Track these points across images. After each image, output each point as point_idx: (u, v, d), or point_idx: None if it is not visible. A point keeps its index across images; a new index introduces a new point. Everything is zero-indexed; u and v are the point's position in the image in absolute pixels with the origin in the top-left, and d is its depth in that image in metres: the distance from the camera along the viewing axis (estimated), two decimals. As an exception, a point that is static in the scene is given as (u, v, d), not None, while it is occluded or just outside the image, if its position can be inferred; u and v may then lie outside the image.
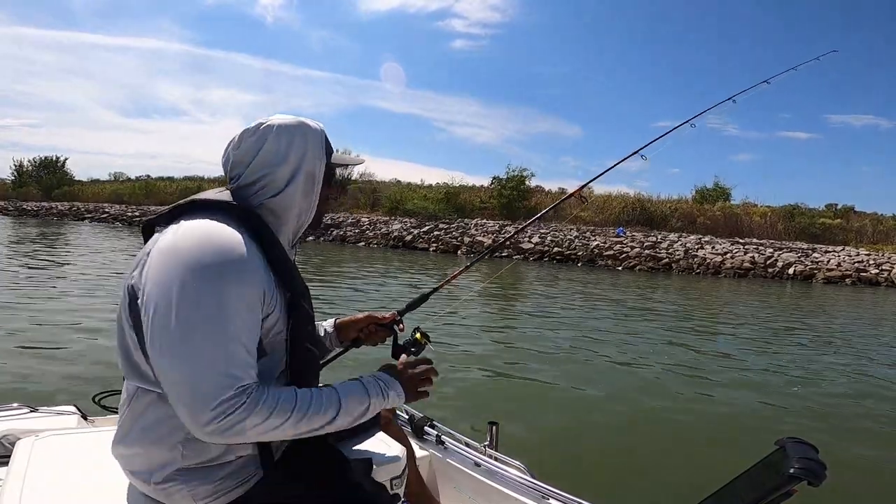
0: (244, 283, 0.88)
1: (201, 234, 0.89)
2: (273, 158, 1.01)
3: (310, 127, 1.06)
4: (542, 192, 29.10)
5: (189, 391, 0.83)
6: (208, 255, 0.86)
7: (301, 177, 1.03)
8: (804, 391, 4.97)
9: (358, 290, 9.64)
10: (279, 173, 1.01)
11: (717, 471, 1.32)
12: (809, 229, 23.17)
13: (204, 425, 0.83)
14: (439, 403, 3.86)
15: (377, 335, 1.41)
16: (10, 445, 1.46)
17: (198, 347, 0.83)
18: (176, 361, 0.84)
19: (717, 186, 28.02)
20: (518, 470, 1.54)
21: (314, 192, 1.06)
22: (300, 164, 1.03)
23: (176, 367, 0.84)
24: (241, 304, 0.87)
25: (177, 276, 0.85)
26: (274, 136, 1.01)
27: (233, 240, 0.90)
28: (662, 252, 18.66)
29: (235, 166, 1.03)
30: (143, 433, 0.95)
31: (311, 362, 1.06)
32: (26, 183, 39.42)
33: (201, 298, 0.84)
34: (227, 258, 0.87)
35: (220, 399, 0.83)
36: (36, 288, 7.71)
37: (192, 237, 0.89)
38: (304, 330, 1.02)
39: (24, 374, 4.00)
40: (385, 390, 1.02)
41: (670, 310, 9.73)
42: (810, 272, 17.26)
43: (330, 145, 1.11)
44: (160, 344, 0.85)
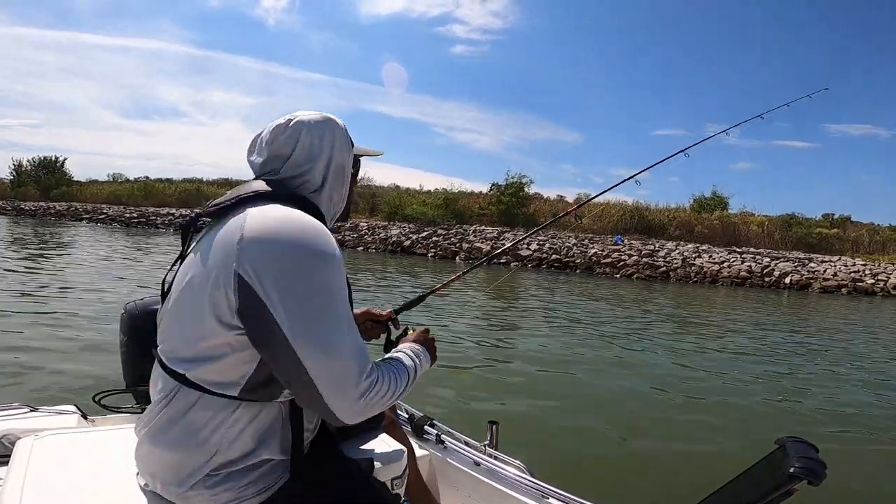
0: (343, 268, 0.94)
1: (299, 219, 0.92)
2: (310, 153, 1.05)
3: (336, 122, 1.11)
4: (540, 199, 29.17)
5: (339, 371, 0.86)
6: (320, 241, 0.90)
7: (333, 169, 1.08)
8: (804, 392, 4.99)
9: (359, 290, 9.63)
10: (317, 168, 1.06)
11: (716, 470, 1.33)
12: (806, 239, 23.25)
13: (357, 400, 0.88)
14: (439, 403, 3.87)
15: (372, 331, 1.44)
16: (10, 445, 1.46)
17: (339, 329, 0.88)
18: (324, 345, 0.86)
19: (715, 195, 28.14)
20: (518, 469, 1.54)
21: (345, 184, 1.11)
22: (332, 157, 1.07)
23: (325, 350, 0.86)
24: (345, 287, 0.94)
25: (302, 263, 0.87)
26: (307, 131, 1.05)
27: (323, 227, 0.94)
28: (660, 260, 18.69)
29: (270, 161, 1.05)
30: (183, 434, 0.93)
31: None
32: (25, 183, 39.31)
33: (328, 283, 0.88)
34: (333, 244, 0.92)
35: (365, 373, 0.89)
36: (35, 287, 7.68)
37: (294, 222, 0.91)
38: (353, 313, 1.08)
39: (24, 374, 3.99)
40: (422, 355, 1.11)
41: (668, 317, 9.74)
42: (807, 282, 17.30)
43: (350, 138, 1.14)
44: (307, 331, 0.86)
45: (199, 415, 0.92)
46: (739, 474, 0.95)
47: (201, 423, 0.92)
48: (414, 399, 2.00)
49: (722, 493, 0.95)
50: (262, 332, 0.87)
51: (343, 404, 0.88)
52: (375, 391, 0.90)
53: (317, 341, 0.86)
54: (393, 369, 0.99)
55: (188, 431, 0.92)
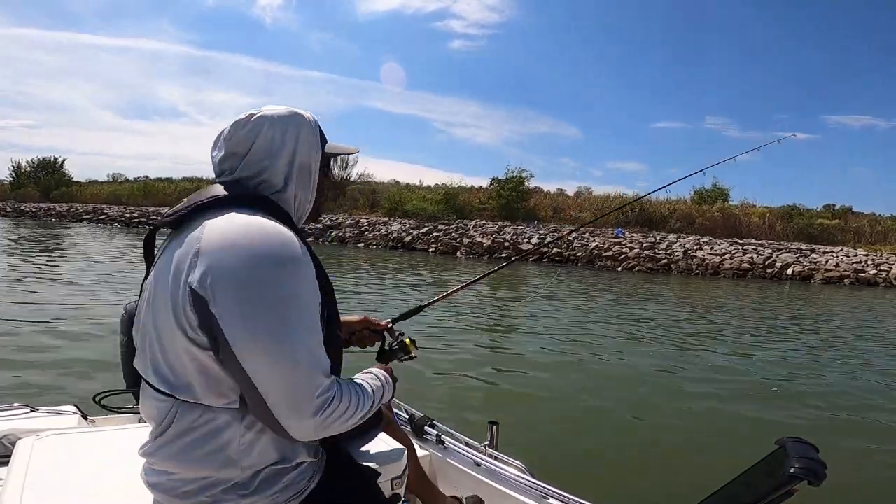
0: (310, 274, 0.89)
1: (258, 227, 0.87)
2: (269, 150, 0.98)
3: (303, 117, 1.04)
4: (540, 193, 29.13)
5: (292, 386, 0.82)
6: (277, 248, 0.85)
7: (297, 167, 1.01)
8: (804, 391, 4.98)
9: (358, 291, 9.63)
10: (277, 166, 0.99)
11: (717, 470, 1.32)
12: (808, 230, 23.20)
13: (311, 418, 0.84)
14: (439, 403, 3.87)
15: (368, 339, 1.43)
16: (10, 445, 1.47)
17: (295, 342, 0.83)
18: (276, 359, 0.82)
19: (716, 187, 28.07)
20: (518, 469, 1.54)
21: (311, 183, 1.04)
22: (295, 154, 1.01)
23: (276, 365, 0.82)
24: (312, 295, 0.88)
25: (256, 274, 0.82)
26: (268, 126, 0.98)
27: (286, 231, 0.89)
28: (661, 253, 18.67)
29: (227, 158, 0.99)
30: (186, 451, 0.89)
31: (339, 350, 1.06)
32: (24, 184, 39.35)
33: (286, 292, 0.83)
34: (295, 250, 0.87)
35: (321, 390, 0.84)
36: (35, 288, 7.70)
37: (251, 231, 0.86)
38: (335, 315, 1.03)
39: (24, 374, 4.00)
40: (385, 385, 1.08)
41: (670, 310, 9.74)
42: (809, 273, 17.28)
43: (324, 135, 1.09)
44: (256, 347, 0.81)
45: (208, 427, 0.88)
46: (739, 474, 0.94)
47: (213, 440, 0.88)
48: (414, 399, 2.00)
49: (722, 494, 0.95)
50: (218, 348, 0.84)
51: (296, 423, 0.84)
52: (332, 410, 0.86)
53: (266, 357, 0.82)
54: (358, 389, 0.95)
55: (195, 446, 0.88)
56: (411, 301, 8.64)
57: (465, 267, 16.11)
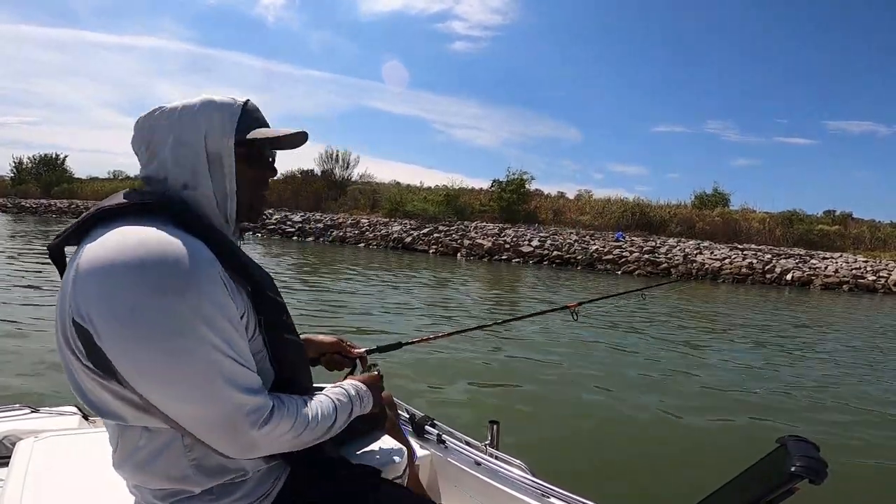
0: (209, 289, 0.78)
1: (134, 246, 0.75)
2: (167, 142, 0.89)
3: (214, 103, 0.91)
4: (541, 195, 29.14)
5: (210, 416, 0.78)
6: (157, 271, 0.74)
7: (207, 160, 0.89)
8: (805, 392, 4.98)
9: (356, 292, 9.63)
10: (180, 160, 0.88)
11: (718, 469, 1.33)
12: (807, 236, 23.21)
13: (242, 437, 0.80)
14: (440, 403, 3.87)
15: (337, 363, 1.36)
16: (10, 446, 1.47)
17: (198, 372, 0.76)
18: (180, 394, 0.76)
19: (717, 192, 28.12)
20: (519, 469, 1.54)
21: (225, 175, 0.91)
22: (201, 145, 0.89)
23: (184, 400, 0.77)
24: (216, 309, 0.78)
25: (137, 305, 0.73)
26: (166, 117, 0.89)
27: (172, 246, 0.77)
28: (661, 257, 18.67)
29: (136, 154, 0.93)
30: (140, 468, 0.87)
31: (296, 353, 0.99)
32: (26, 180, 39.37)
33: (175, 321, 0.74)
34: (180, 267, 0.75)
35: (247, 409, 0.79)
36: (37, 287, 7.69)
37: (126, 252, 0.75)
38: (279, 319, 0.94)
39: (25, 375, 4.00)
40: (362, 396, 1.06)
41: (669, 313, 9.74)
42: (808, 278, 17.28)
43: (252, 120, 0.94)
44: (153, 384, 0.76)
45: (149, 448, 0.85)
46: (740, 473, 0.94)
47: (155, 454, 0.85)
48: (414, 399, 2.01)
49: (723, 492, 0.95)
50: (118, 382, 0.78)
51: (227, 446, 0.80)
52: (269, 428, 0.81)
53: (169, 394, 0.76)
54: (310, 405, 0.91)
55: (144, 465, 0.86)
56: (404, 311, 8.63)
57: (465, 268, 16.11)
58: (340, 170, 30.36)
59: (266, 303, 0.91)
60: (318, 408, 0.92)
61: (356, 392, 1.05)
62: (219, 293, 0.80)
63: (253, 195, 0.96)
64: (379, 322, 6.95)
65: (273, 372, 0.93)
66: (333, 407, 0.96)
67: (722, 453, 3.42)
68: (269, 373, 0.93)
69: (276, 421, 0.83)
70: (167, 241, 0.77)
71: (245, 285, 0.88)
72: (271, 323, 0.92)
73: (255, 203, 0.97)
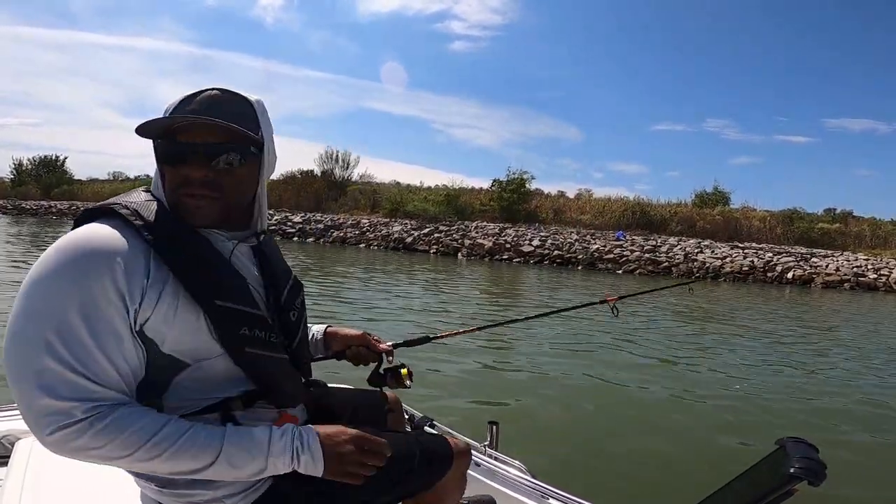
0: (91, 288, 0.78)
1: (58, 242, 0.83)
2: None
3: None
4: (541, 195, 29.14)
5: (23, 406, 0.78)
6: (51, 259, 0.80)
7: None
8: (804, 393, 4.97)
9: (360, 293, 9.63)
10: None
11: (717, 471, 1.32)
12: (808, 234, 23.21)
13: (39, 437, 0.79)
14: (439, 403, 3.87)
15: (363, 357, 1.34)
16: (10, 445, 1.47)
17: (26, 358, 0.77)
18: (8, 377, 0.79)
19: (717, 190, 28.11)
20: (518, 470, 1.54)
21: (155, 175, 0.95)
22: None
23: (10, 383, 0.79)
24: (77, 309, 0.78)
25: (22, 287, 0.80)
26: None
27: (82, 241, 0.81)
28: (662, 256, 18.67)
29: None
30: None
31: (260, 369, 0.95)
32: (25, 182, 39.39)
33: (35, 306, 0.78)
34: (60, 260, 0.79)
35: (47, 412, 0.76)
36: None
37: (49, 248, 0.83)
38: (235, 334, 0.90)
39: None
40: (298, 453, 0.88)
41: (670, 312, 9.73)
42: (809, 277, 17.27)
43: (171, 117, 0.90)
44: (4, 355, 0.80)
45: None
46: (739, 474, 0.94)
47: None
48: (414, 399, 2.00)
49: (722, 494, 0.95)
50: None
51: (36, 434, 0.80)
52: (72, 435, 0.77)
53: (6, 370, 0.79)
54: (173, 433, 0.81)
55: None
56: (410, 312, 8.63)
57: (467, 268, 16.11)
58: (340, 170, 30.40)
59: (215, 312, 0.88)
60: (178, 439, 0.81)
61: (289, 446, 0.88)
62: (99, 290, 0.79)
63: (174, 196, 0.91)
64: (384, 322, 6.95)
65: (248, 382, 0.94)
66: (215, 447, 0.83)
67: (722, 454, 3.41)
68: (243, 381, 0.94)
69: (81, 433, 0.77)
70: (81, 235, 0.82)
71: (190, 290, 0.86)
72: (226, 333, 0.89)
73: (178, 204, 0.90)
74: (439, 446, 1.17)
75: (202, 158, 0.89)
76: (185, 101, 0.91)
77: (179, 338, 0.87)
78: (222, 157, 0.90)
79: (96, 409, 0.78)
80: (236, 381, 0.94)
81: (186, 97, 0.91)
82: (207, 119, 0.88)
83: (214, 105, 0.90)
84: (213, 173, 0.89)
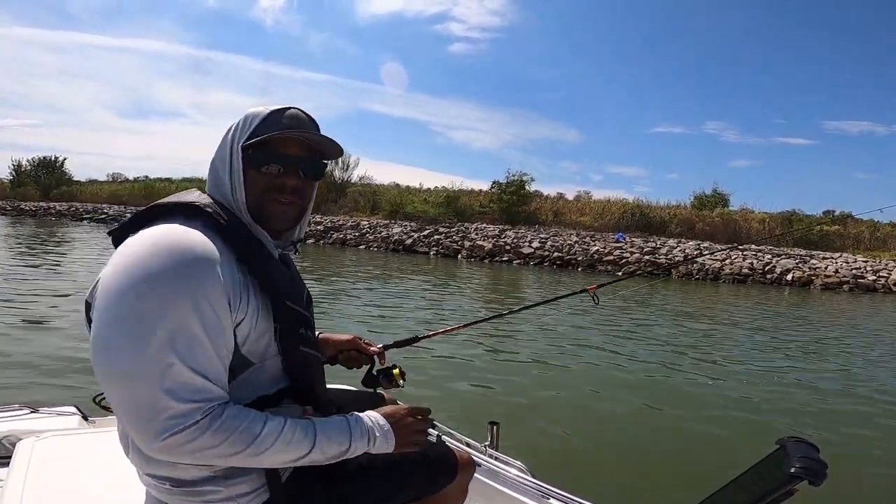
0: (196, 291, 0.81)
1: (145, 239, 0.83)
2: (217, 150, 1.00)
3: (248, 112, 0.99)
4: (541, 197, 29.15)
5: (133, 409, 0.79)
6: (148, 263, 0.80)
7: (225, 164, 0.97)
8: (806, 393, 4.98)
9: (357, 296, 9.63)
10: (215, 163, 0.99)
11: (717, 471, 1.33)
12: (807, 236, 23.22)
13: (150, 442, 0.79)
14: (440, 403, 3.87)
15: (355, 361, 1.37)
16: (11, 446, 1.47)
17: (144, 358, 0.78)
18: (116, 380, 0.79)
19: (716, 193, 28.16)
20: (518, 470, 1.54)
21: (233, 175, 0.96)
22: (223, 151, 0.98)
23: (116, 386, 0.79)
24: (189, 313, 0.80)
25: (117, 292, 0.79)
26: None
27: (184, 243, 0.83)
28: (662, 258, 18.68)
29: None
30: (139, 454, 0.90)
31: (310, 366, 1.01)
32: (24, 183, 39.33)
33: (145, 307, 0.78)
34: (169, 263, 0.80)
35: (167, 416, 0.78)
36: (36, 288, 7.69)
37: (137, 244, 0.83)
38: (296, 331, 0.96)
39: (25, 375, 4.00)
40: (372, 433, 0.96)
41: (671, 315, 9.73)
42: (808, 278, 17.29)
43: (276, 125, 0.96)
44: (100, 362, 0.80)
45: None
46: (740, 475, 0.94)
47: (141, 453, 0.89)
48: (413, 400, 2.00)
49: (722, 494, 0.95)
50: None
51: (139, 439, 0.81)
52: (189, 436, 0.79)
53: (110, 367, 0.79)
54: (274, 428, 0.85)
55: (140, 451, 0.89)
56: (410, 313, 8.63)
57: (467, 270, 16.11)
58: (340, 172, 30.35)
59: (285, 312, 0.94)
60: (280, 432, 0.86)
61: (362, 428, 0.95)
62: (211, 293, 0.82)
63: (259, 200, 0.97)
64: (383, 323, 6.94)
65: (285, 379, 0.97)
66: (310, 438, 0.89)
67: (722, 455, 3.42)
68: (280, 379, 0.97)
69: (200, 432, 0.79)
70: (176, 241, 0.83)
71: (264, 291, 0.92)
72: (287, 333, 0.95)
73: (265, 208, 0.97)
74: (443, 455, 1.20)
75: (296, 169, 0.98)
76: (278, 114, 0.98)
77: (256, 338, 0.91)
78: (311, 170, 1.01)
79: (212, 408, 0.81)
80: (277, 380, 0.97)
81: (276, 111, 0.98)
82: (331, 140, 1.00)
83: (313, 123, 1.02)
84: (302, 183, 0.99)
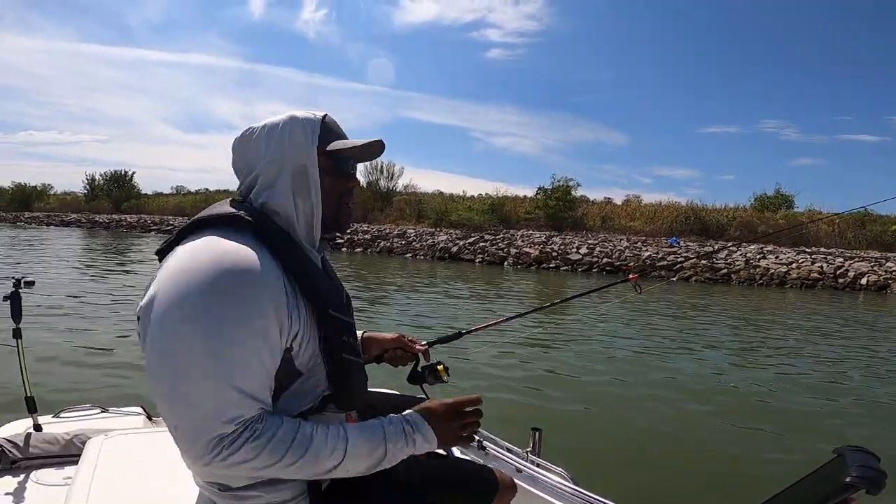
0: (251, 307, 0.81)
1: (197, 253, 0.83)
2: (257, 159, 0.96)
3: (297, 119, 0.97)
4: (587, 202, 28.56)
5: (182, 427, 0.80)
6: (201, 281, 0.79)
7: (291, 173, 0.94)
8: (871, 404, 4.61)
9: (406, 302, 9.74)
10: (267, 171, 0.95)
11: (770, 482, 1.25)
12: (882, 238, 21.55)
13: (195, 461, 0.81)
14: (483, 408, 3.85)
15: (400, 359, 1.38)
16: (81, 444, 1.58)
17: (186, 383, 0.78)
18: (165, 398, 0.80)
19: (779, 193, 26.67)
20: (560, 477, 1.51)
21: (309, 187, 0.96)
22: (284, 158, 0.94)
23: (167, 403, 0.81)
24: (244, 331, 0.80)
25: (169, 307, 0.79)
26: (256, 136, 0.97)
27: (236, 257, 0.82)
28: (720, 262, 17.84)
29: (235, 174, 1.02)
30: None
31: (348, 374, 0.99)
32: (98, 196, 42.18)
33: (195, 328, 0.78)
34: (226, 282, 0.80)
35: (210, 437, 0.79)
36: (110, 294, 8.25)
37: (188, 258, 0.83)
38: (338, 340, 0.95)
39: (96, 376, 4.29)
40: (411, 435, 0.93)
41: (727, 320, 9.27)
42: (885, 282, 16.03)
43: (332, 133, 1.00)
44: (152, 379, 0.81)
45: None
46: (794, 483, 0.90)
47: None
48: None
49: (775, 502, 0.90)
50: None
51: (187, 460, 0.83)
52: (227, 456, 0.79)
53: (159, 392, 0.81)
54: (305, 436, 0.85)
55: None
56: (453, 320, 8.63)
57: (514, 277, 15.98)
58: (385, 181, 30.93)
59: (329, 321, 0.93)
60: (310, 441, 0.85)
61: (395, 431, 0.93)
62: (267, 310, 0.82)
63: (338, 205, 1.01)
64: (431, 329, 6.99)
65: (327, 387, 0.97)
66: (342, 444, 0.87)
67: (775, 466, 3.22)
68: (322, 387, 0.97)
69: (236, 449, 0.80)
70: (229, 252, 0.83)
71: (311, 302, 0.91)
72: (331, 341, 0.94)
73: (341, 213, 1.01)
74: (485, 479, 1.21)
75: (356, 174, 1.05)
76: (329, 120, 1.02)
77: (305, 349, 0.91)
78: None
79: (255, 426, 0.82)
80: (321, 388, 0.97)
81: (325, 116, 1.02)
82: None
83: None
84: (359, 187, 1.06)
